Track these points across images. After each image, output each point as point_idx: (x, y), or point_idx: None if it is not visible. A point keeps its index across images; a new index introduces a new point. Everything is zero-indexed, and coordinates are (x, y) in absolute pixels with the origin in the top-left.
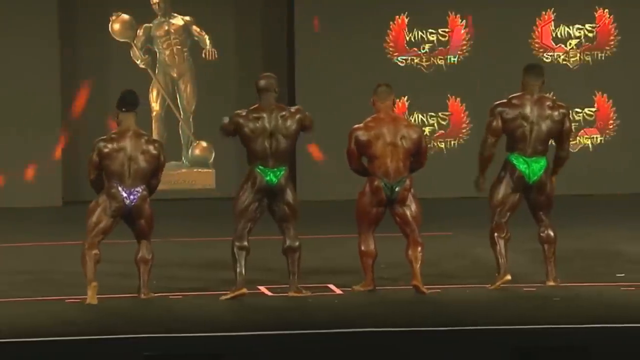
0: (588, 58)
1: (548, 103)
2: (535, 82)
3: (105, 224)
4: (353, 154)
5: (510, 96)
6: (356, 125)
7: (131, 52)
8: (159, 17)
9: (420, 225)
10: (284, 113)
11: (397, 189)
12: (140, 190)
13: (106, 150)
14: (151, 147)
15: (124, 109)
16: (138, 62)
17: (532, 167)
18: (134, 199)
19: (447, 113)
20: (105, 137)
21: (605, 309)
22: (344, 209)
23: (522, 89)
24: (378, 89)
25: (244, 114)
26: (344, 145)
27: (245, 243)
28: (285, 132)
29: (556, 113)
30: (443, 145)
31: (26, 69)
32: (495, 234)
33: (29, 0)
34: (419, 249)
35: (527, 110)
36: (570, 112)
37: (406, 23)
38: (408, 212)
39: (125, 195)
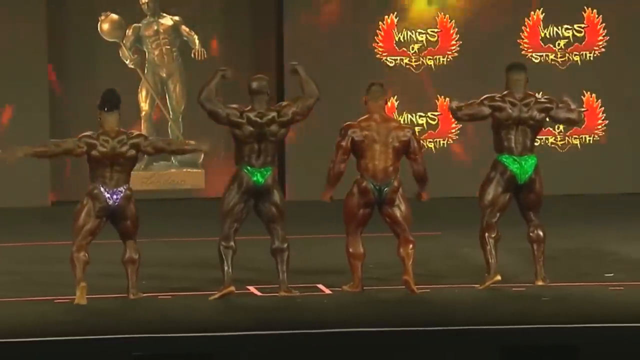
0: (577, 58)
1: (531, 99)
2: (519, 77)
3: (92, 225)
4: (346, 151)
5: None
6: (350, 123)
7: (120, 52)
8: (148, 17)
9: (410, 225)
10: (273, 115)
11: (385, 190)
12: (124, 190)
13: (93, 150)
14: (131, 147)
15: (106, 109)
16: (127, 62)
17: (524, 166)
18: (117, 199)
19: (436, 113)
20: (92, 134)
21: (594, 308)
22: (333, 208)
23: (506, 88)
24: (371, 88)
25: (240, 107)
26: (333, 147)
27: (232, 243)
28: (275, 136)
29: (537, 112)
30: (432, 145)
31: (14, 68)
32: (486, 234)
33: (17, 0)
34: (410, 246)
35: (514, 109)
36: (555, 103)
37: (395, 23)
38: (397, 213)
39: (108, 195)
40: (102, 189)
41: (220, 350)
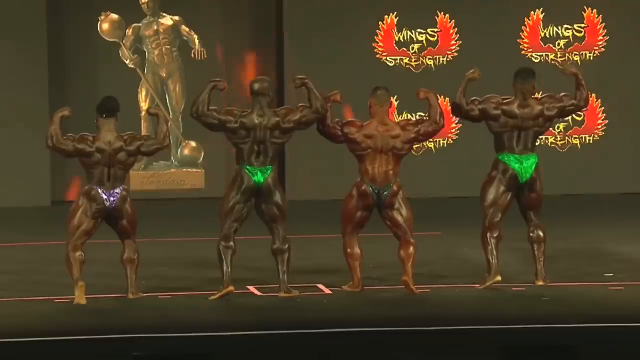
0: (577, 58)
1: (538, 108)
2: (523, 87)
3: (87, 226)
4: (335, 137)
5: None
6: (353, 121)
7: (120, 52)
8: (148, 17)
9: (412, 228)
10: (277, 119)
11: (384, 194)
12: (120, 191)
13: (88, 150)
14: (130, 155)
15: (104, 115)
16: (127, 62)
17: (525, 165)
18: (115, 200)
19: None
20: (89, 135)
21: (594, 308)
22: (333, 208)
23: (513, 93)
24: (377, 92)
25: (236, 112)
26: (333, 147)
27: (232, 243)
28: (276, 139)
29: (542, 120)
30: (432, 145)
31: (14, 68)
32: (488, 234)
33: (18, 0)
34: (411, 248)
35: (516, 117)
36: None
37: (395, 23)
38: (398, 216)
39: (105, 197)
40: (100, 191)
41: (220, 350)
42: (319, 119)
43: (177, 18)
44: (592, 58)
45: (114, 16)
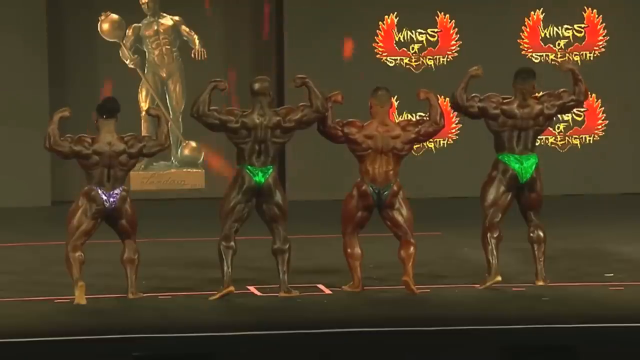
0: (577, 58)
1: (538, 107)
2: (522, 86)
3: (87, 226)
4: (336, 137)
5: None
6: (354, 121)
7: (120, 52)
8: (148, 17)
9: (412, 228)
10: (277, 118)
11: (384, 194)
12: (120, 192)
13: (85, 152)
14: (130, 157)
15: (104, 116)
16: (127, 62)
17: (525, 165)
18: (114, 201)
19: None
20: (87, 137)
21: (594, 308)
22: (333, 208)
23: (513, 93)
24: (377, 92)
25: (236, 112)
26: (334, 147)
27: (232, 243)
28: (277, 138)
29: (542, 112)
30: (432, 146)
31: (14, 68)
32: (488, 234)
33: (18, 0)
34: (412, 248)
35: (515, 117)
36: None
37: (395, 23)
38: (398, 216)
39: (105, 198)
40: (99, 191)
41: (220, 350)
42: (319, 118)
43: (177, 18)
44: (592, 58)
45: (114, 16)
